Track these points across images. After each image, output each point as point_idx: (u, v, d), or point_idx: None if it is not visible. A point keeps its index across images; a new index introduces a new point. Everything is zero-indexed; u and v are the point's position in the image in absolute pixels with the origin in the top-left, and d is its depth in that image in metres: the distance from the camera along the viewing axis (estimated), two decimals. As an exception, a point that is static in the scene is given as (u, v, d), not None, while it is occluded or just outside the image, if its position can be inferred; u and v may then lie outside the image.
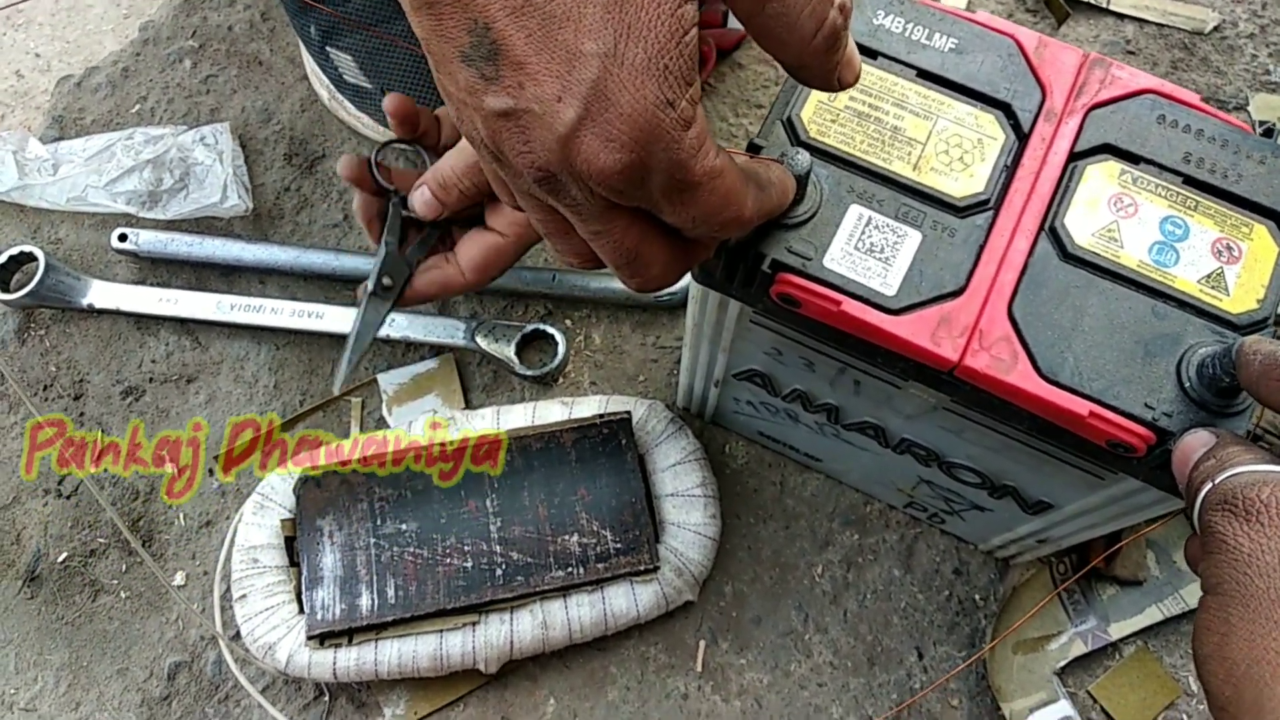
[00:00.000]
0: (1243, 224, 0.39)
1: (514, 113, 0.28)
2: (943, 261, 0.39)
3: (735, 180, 0.31)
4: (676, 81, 0.27)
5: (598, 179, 0.28)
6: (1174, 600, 0.61)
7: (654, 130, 0.27)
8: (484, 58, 0.27)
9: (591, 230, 0.32)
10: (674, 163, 0.28)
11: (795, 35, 0.30)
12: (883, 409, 0.49)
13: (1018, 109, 0.41)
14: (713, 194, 0.30)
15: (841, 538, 0.64)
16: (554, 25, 0.26)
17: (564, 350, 0.67)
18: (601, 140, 0.27)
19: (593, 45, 0.26)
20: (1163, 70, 0.76)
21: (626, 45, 0.26)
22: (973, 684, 0.61)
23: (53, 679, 0.62)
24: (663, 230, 0.33)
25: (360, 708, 0.60)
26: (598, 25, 0.26)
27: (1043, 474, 0.46)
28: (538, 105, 0.27)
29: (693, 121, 0.28)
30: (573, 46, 0.26)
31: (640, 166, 0.28)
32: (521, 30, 0.27)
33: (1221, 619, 0.29)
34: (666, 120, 0.27)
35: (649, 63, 0.27)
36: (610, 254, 0.33)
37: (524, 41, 0.27)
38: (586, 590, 0.58)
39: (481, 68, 0.28)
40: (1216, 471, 0.32)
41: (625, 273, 0.34)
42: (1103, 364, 0.37)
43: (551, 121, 0.27)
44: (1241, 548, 0.29)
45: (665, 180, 0.29)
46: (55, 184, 0.71)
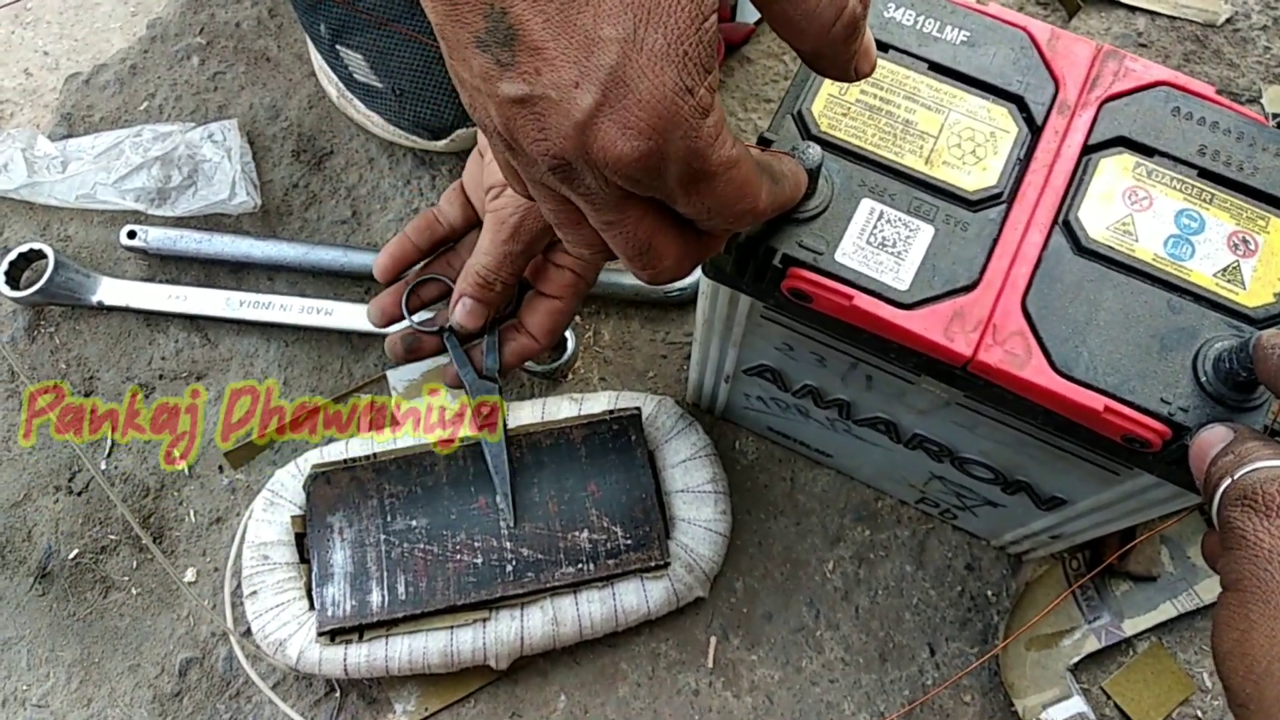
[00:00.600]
0: (1259, 217, 0.39)
1: (530, 99, 0.28)
2: (956, 256, 0.39)
3: (751, 171, 0.31)
4: (696, 68, 0.27)
5: (614, 167, 0.28)
6: (1188, 596, 0.60)
7: (673, 117, 0.27)
8: (499, 43, 0.27)
9: (604, 220, 0.31)
10: (691, 151, 0.28)
11: (815, 24, 0.29)
12: (894, 404, 0.48)
13: (1031, 102, 0.41)
14: (729, 184, 0.30)
15: (853, 534, 0.64)
16: (572, 10, 0.26)
17: (573, 346, 0.67)
18: (619, 127, 0.27)
19: (612, 30, 0.26)
20: (1175, 63, 0.76)
21: (646, 30, 0.26)
22: (985, 680, 0.61)
23: (64, 675, 0.62)
24: (676, 221, 0.32)
25: (371, 704, 0.60)
26: (617, 10, 0.26)
27: (1056, 469, 0.46)
28: (554, 91, 0.27)
29: (710, 109, 0.28)
30: (591, 31, 0.26)
31: (657, 154, 0.28)
32: (539, 15, 0.26)
33: (1242, 615, 0.29)
34: (685, 107, 0.27)
35: (668, 48, 0.26)
36: (622, 245, 0.32)
37: (541, 26, 0.26)
38: (597, 586, 0.58)
39: (497, 53, 0.27)
40: (1235, 467, 0.32)
41: (637, 264, 0.33)
42: (1118, 358, 0.37)
43: (568, 108, 0.27)
44: (1262, 543, 0.29)
45: (682, 169, 0.29)
46: (64, 181, 0.71)
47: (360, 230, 0.72)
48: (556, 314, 0.56)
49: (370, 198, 0.73)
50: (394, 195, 0.73)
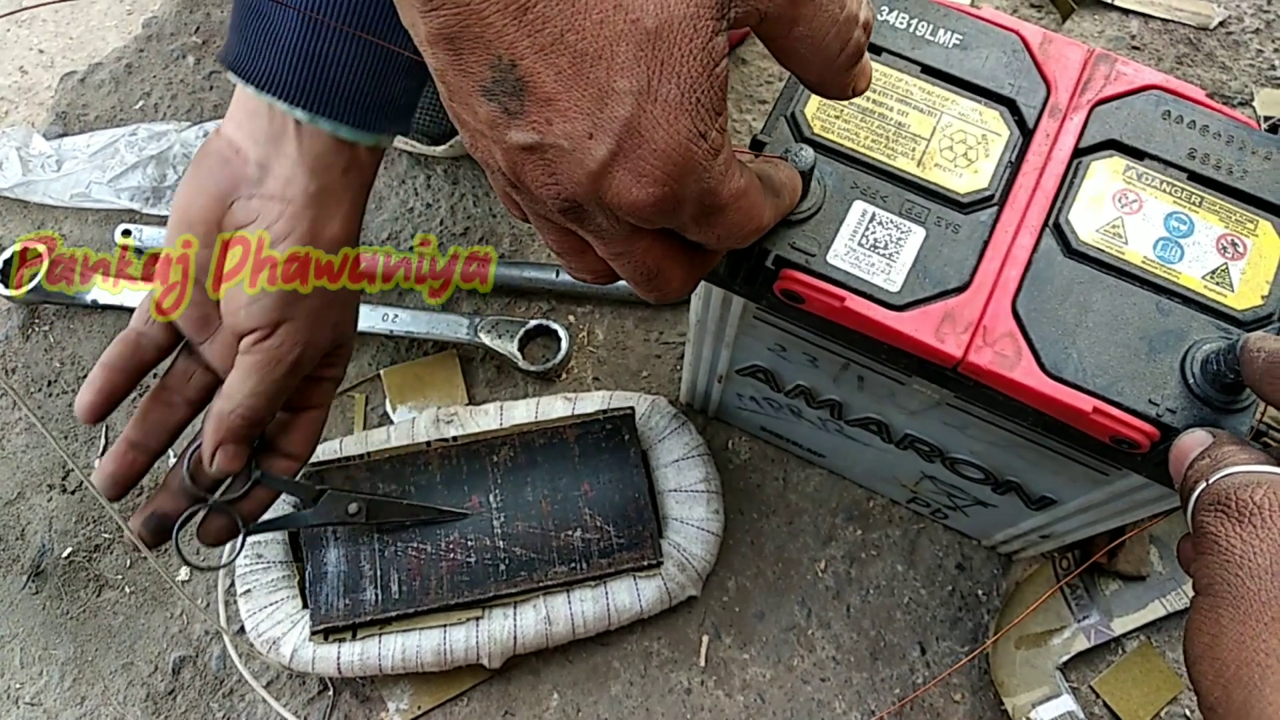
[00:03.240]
0: (1248, 220, 0.39)
1: (540, 147, 0.28)
2: (946, 258, 0.39)
3: (757, 194, 0.32)
4: (708, 113, 0.27)
5: (628, 211, 0.28)
6: (1177, 595, 0.61)
7: (687, 163, 0.27)
8: (508, 93, 0.27)
9: (613, 252, 0.32)
10: (705, 191, 0.29)
11: (820, 56, 0.30)
12: (886, 405, 0.49)
13: (1022, 105, 0.41)
14: (738, 212, 0.31)
15: (844, 533, 0.64)
16: (585, 64, 0.26)
17: (567, 346, 0.67)
18: (634, 175, 0.27)
19: (626, 83, 0.26)
20: (1168, 66, 0.76)
21: (660, 82, 0.26)
22: (975, 679, 0.61)
23: (57, 674, 0.62)
24: (683, 246, 0.33)
25: (364, 702, 0.61)
26: (630, 63, 0.26)
27: (1046, 470, 0.46)
28: (566, 141, 0.27)
29: (721, 149, 0.28)
30: (605, 84, 0.26)
31: (672, 199, 0.28)
32: (551, 68, 0.26)
33: (1213, 620, 0.29)
34: (699, 152, 0.27)
35: (682, 98, 0.26)
36: (630, 272, 0.33)
37: (554, 79, 0.26)
38: (590, 585, 0.58)
39: (505, 102, 0.27)
40: (1211, 471, 0.32)
41: (644, 289, 0.34)
42: (1107, 360, 0.37)
43: (581, 158, 0.27)
44: (1234, 549, 0.29)
45: (695, 207, 0.29)
46: (59, 180, 0.71)
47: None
48: (317, 424, 0.51)
49: (365, 197, 0.73)
50: (389, 195, 0.73)
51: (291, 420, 0.51)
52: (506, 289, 0.70)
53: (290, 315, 0.45)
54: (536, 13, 0.25)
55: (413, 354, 0.69)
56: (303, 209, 0.45)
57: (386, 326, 0.66)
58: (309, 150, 0.45)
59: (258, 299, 0.45)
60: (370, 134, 0.47)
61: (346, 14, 0.44)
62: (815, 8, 0.28)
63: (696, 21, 0.26)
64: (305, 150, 0.45)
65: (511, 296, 0.70)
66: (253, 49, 0.45)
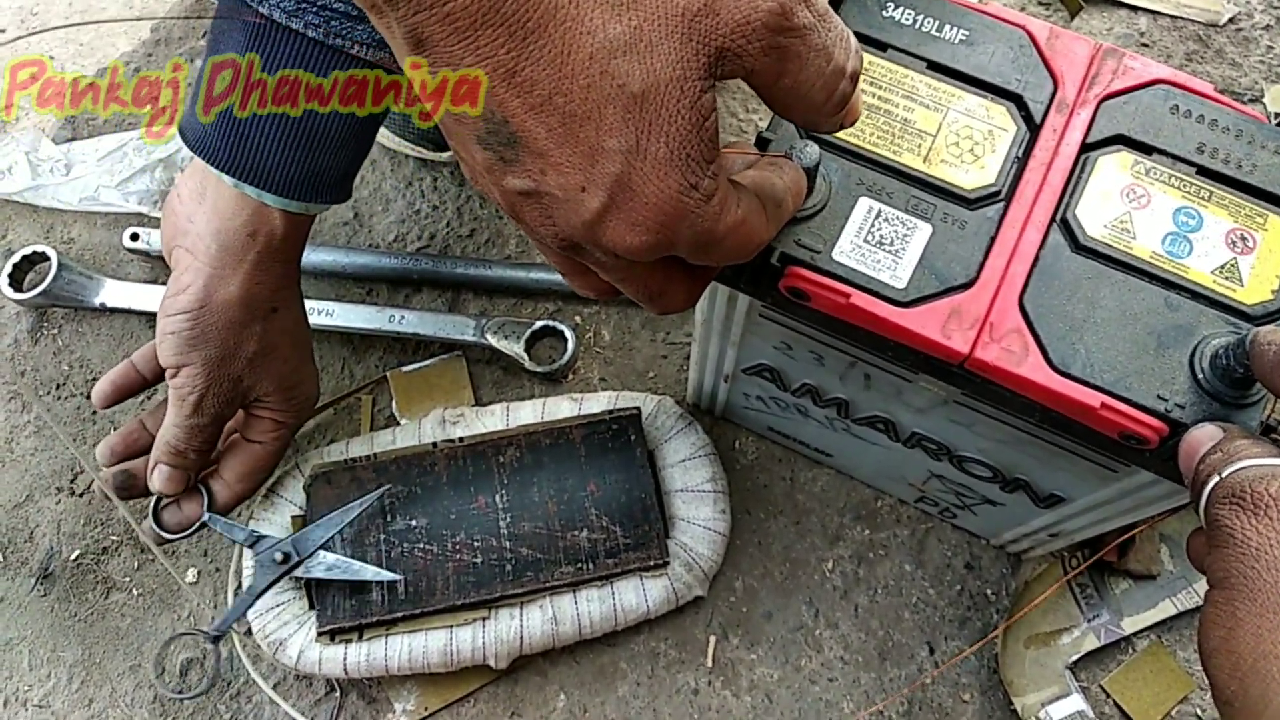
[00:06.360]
0: (1257, 214, 0.39)
1: (535, 194, 0.28)
2: (953, 254, 0.39)
3: (757, 218, 0.32)
4: (698, 165, 0.27)
5: (624, 253, 0.29)
6: (1187, 594, 0.60)
7: (678, 213, 0.28)
8: (502, 143, 0.27)
9: (615, 278, 0.32)
10: (700, 232, 0.29)
11: (806, 104, 0.30)
12: (893, 403, 0.49)
13: (1029, 100, 0.41)
14: (736, 239, 0.31)
15: (852, 533, 0.64)
16: (575, 123, 0.26)
17: (573, 346, 0.67)
18: (628, 225, 0.28)
19: (615, 142, 0.26)
20: (1177, 62, 0.76)
21: (649, 141, 0.27)
22: (984, 678, 0.61)
23: (65, 676, 0.62)
24: (684, 265, 0.33)
25: (371, 703, 0.60)
26: (619, 124, 0.26)
27: (1055, 467, 0.46)
28: (560, 192, 0.28)
29: (714, 193, 0.29)
30: (594, 143, 0.26)
31: (667, 243, 0.29)
32: (542, 125, 0.26)
33: (1228, 613, 0.29)
34: (690, 202, 0.28)
35: (671, 155, 0.27)
36: (634, 294, 0.33)
37: (545, 135, 0.27)
38: (596, 585, 0.58)
39: (500, 151, 0.28)
40: (1223, 465, 0.32)
41: (648, 307, 0.35)
42: (1115, 356, 0.37)
43: (576, 207, 0.28)
44: (1249, 541, 0.29)
45: (691, 245, 0.30)
46: (68, 184, 0.71)
47: (362, 232, 0.73)
48: (257, 459, 0.56)
49: (372, 199, 0.73)
50: (396, 198, 0.73)
51: (232, 446, 0.56)
52: (513, 290, 0.70)
53: (188, 361, 0.51)
54: (524, 76, 0.26)
55: (420, 355, 0.69)
56: (204, 265, 0.50)
57: (393, 328, 0.66)
58: (219, 210, 0.49)
59: (163, 341, 0.51)
60: (295, 202, 0.50)
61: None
62: (801, 63, 0.28)
63: (683, 83, 0.26)
64: (216, 210, 0.49)
65: (518, 297, 0.70)
66: (193, 106, 0.49)
